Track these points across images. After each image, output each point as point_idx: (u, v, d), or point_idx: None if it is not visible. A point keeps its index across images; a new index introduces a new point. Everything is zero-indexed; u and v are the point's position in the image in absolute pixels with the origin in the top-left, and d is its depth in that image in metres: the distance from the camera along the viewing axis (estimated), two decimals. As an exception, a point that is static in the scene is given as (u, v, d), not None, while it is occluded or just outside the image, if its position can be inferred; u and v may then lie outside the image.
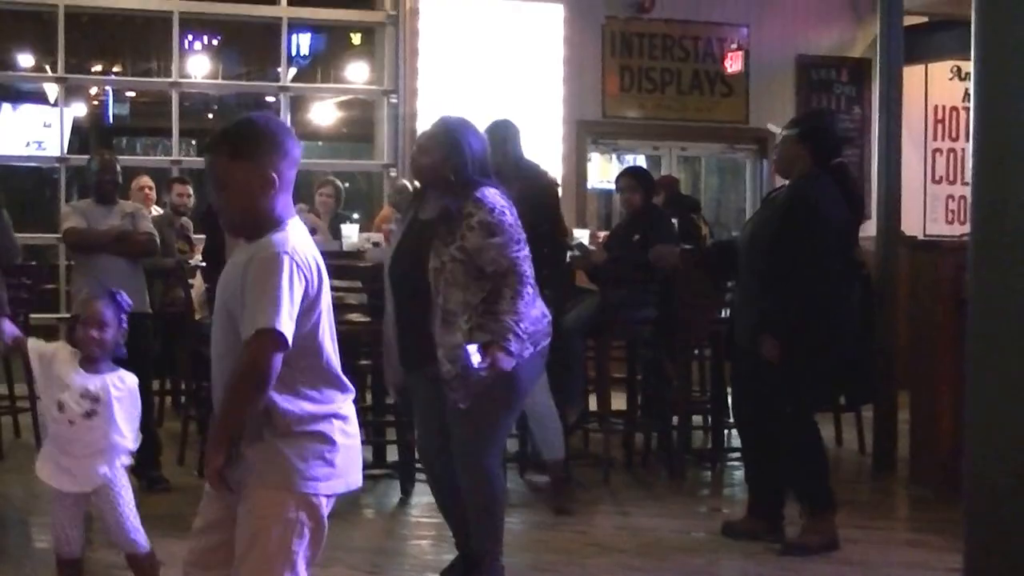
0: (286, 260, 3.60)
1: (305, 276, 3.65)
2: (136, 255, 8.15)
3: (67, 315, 8.47)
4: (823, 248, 6.33)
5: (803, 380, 6.42)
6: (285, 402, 3.66)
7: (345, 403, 3.82)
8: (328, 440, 3.72)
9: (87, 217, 8.13)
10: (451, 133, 5.63)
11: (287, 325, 3.53)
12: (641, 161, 14.85)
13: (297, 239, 3.71)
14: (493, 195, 5.46)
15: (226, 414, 3.65)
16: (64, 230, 8.21)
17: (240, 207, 3.74)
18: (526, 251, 5.44)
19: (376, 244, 9.03)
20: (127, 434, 5.14)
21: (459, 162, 5.51)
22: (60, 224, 8.50)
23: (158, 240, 8.46)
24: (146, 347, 7.72)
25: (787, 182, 6.67)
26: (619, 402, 8.84)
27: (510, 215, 5.45)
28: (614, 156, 15.03)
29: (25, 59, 15.46)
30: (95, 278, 7.55)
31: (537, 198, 7.47)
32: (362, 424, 4.61)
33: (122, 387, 5.16)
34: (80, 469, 5.08)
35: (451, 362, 5.36)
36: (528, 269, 5.43)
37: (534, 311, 5.45)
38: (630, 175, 9.37)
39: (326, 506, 3.76)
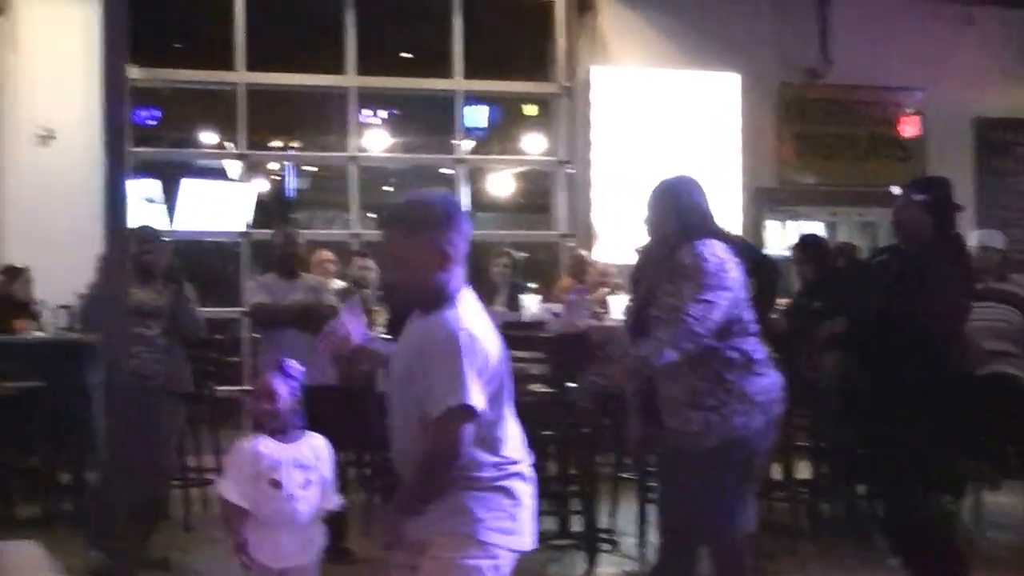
0: (463, 335, 3.72)
1: (483, 347, 3.77)
2: (319, 330, 8.37)
3: (250, 388, 8.72)
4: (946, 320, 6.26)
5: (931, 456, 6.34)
6: (473, 457, 3.78)
7: (525, 466, 3.92)
8: (512, 496, 3.82)
9: (272, 291, 8.40)
10: (669, 189, 5.74)
11: (475, 397, 3.65)
12: (818, 228, 14.77)
13: (471, 312, 3.84)
14: (714, 247, 5.52)
15: (419, 488, 3.76)
16: (250, 305, 8.48)
17: (415, 282, 3.89)
18: (712, 296, 5.41)
19: (556, 315, 9.13)
20: (333, 496, 5.31)
21: (677, 215, 5.61)
22: (244, 298, 8.78)
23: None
24: (331, 419, 7.91)
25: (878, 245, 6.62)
26: (804, 470, 8.80)
27: (734, 270, 5.49)
28: (791, 223, 14.98)
29: (207, 136, 15.99)
30: (279, 352, 7.80)
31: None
32: (546, 494, 4.70)
33: (319, 447, 5.33)
34: (302, 541, 5.21)
35: (672, 415, 5.43)
36: (714, 314, 5.40)
37: (762, 377, 5.49)
38: (799, 247, 9.37)
39: (506, 563, 3.85)
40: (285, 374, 5.32)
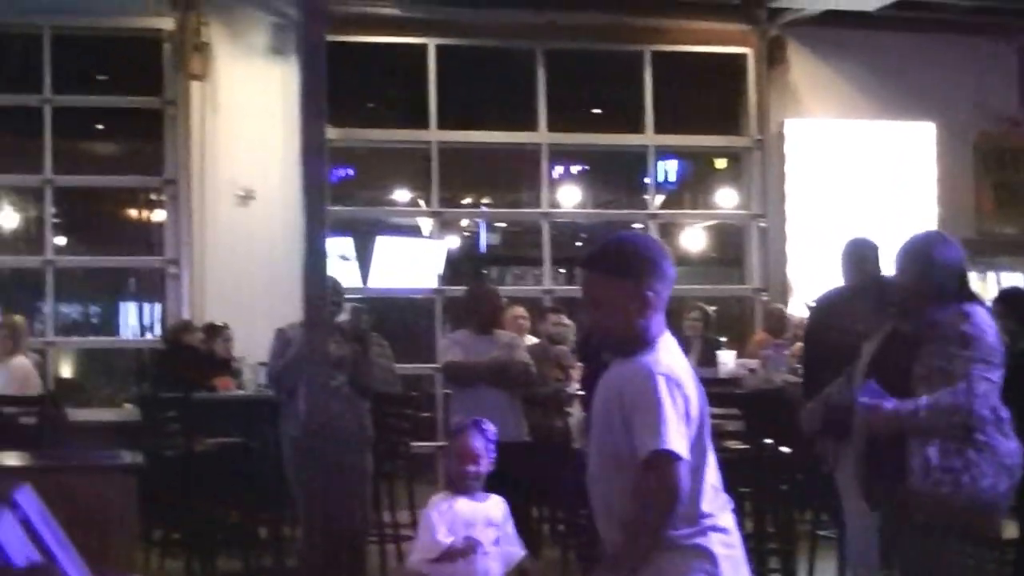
0: (662, 380, 3.67)
1: (684, 392, 3.73)
2: (513, 386, 8.44)
3: (444, 443, 8.82)
4: None
5: None
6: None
7: (724, 515, 3.84)
8: (707, 554, 3.73)
9: (465, 348, 8.50)
10: (923, 248, 5.66)
11: (679, 443, 3.61)
12: (1019, 280, 14.41)
13: (671, 357, 3.79)
14: (980, 312, 5.48)
15: (635, 541, 3.67)
16: (444, 362, 8.60)
17: (615, 325, 3.84)
18: (995, 376, 5.37)
19: (752, 371, 9.06)
20: (518, 548, 5.35)
21: (936, 275, 5.53)
22: (439, 355, 8.89)
23: (533, 370, 8.74)
24: (524, 475, 7.95)
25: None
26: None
27: (991, 336, 5.43)
28: (990, 275, 14.64)
29: (401, 194, 16.30)
30: (472, 408, 7.90)
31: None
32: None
33: (501, 504, 5.38)
34: None
35: (920, 476, 5.34)
36: (993, 396, 5.35)
37: (1008, 439, 5.40)
38: (999, 300, 9.15)
39: None
40: (483, 435, 5.36)
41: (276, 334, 8.44)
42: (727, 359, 9.68)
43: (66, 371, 15.00)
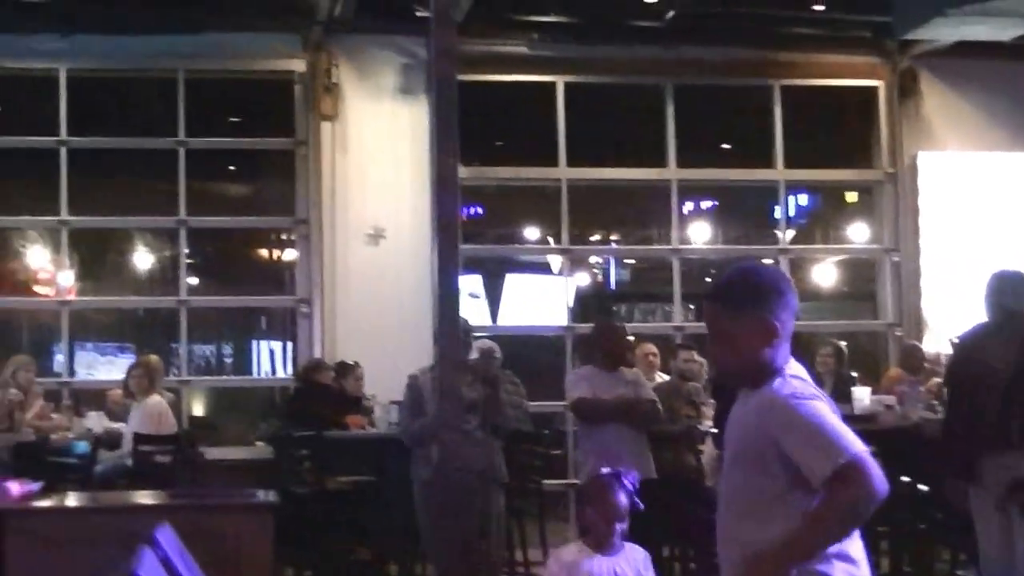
0: (803, 399, 3.61)
1: (828, 404, 3.67)
2: (640, 424, 8.42)
3: (575, 481, 8.81)
4: None
5: None
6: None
7: (852, 544, 3.73)
8: None
9: (592, 384, 8.49)
10: None
11: (856, 442, 3.54)
12: None
13: (802, 383, 3.74)
14: None
15: (800, 542, 3.54)
16: (571, 399, 8.59)
17: (740, 356, 3.77)
18: None
19: (889, 407, 8.94)
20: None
21: None
22: (566, 391, 8.88)
23: (660, 408, 8.70)
24: (653, 513, 7.91)
25: None
26: None
27: None
28: None
29: (530, 232, 16.37)
30: (600, 445, 7.89)
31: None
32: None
33: (639, 561, 5.33)
34: None
35: None
36: None
37: None
38: None
39: None
40: (625, 488, 5.31)
41: (408, 383, 8.46)
42: (862, 395, 9.55)
43: (199, 409, 15.23)
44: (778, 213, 14.28)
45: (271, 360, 17.31)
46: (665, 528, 8.88)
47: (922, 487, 8.20)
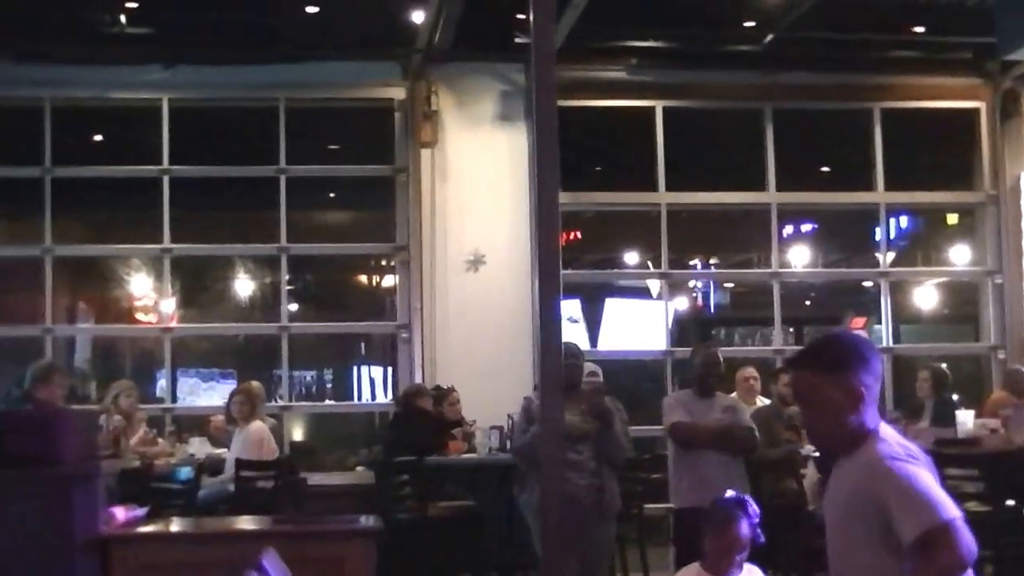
0: (898, 460, 3.65)
1: (924, 464, 3.70)
2: (736, 450, 8.38)
3: (671, 505, 8.77)
4: None
5: None
6: None
7: None
8: None
9: (689, 409, 8.46)
10: None
11: (949, 506, 3.56)
12: None
13: (899, 445, 3.76)
14: None
15: None
16: (669, 424, 8.56)
17: (829, 421, 3.84)
18: None
19: (994, 431, 8.83)
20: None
21: None
22: (663, 416, 8.86)
23: (757, 434, 8.65)
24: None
25: None
26: None
27: None
28: None
29: (629, 256, 16.36)
30: (697, 471, 7.87)
31: None
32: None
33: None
34: None
35: None
36: None
37: None
38: None
39: None
40: (749, 518, 5.29)
41: (523, 404, 8.46)
42: (966, 419, 9.43)
43: (300, 435, 15.36)
44: (878, 236, 14.18)
45: (371, 386, 17.42)
46: (766, 555, 8.81)
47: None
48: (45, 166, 13.31)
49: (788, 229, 15.80)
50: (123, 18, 12.69)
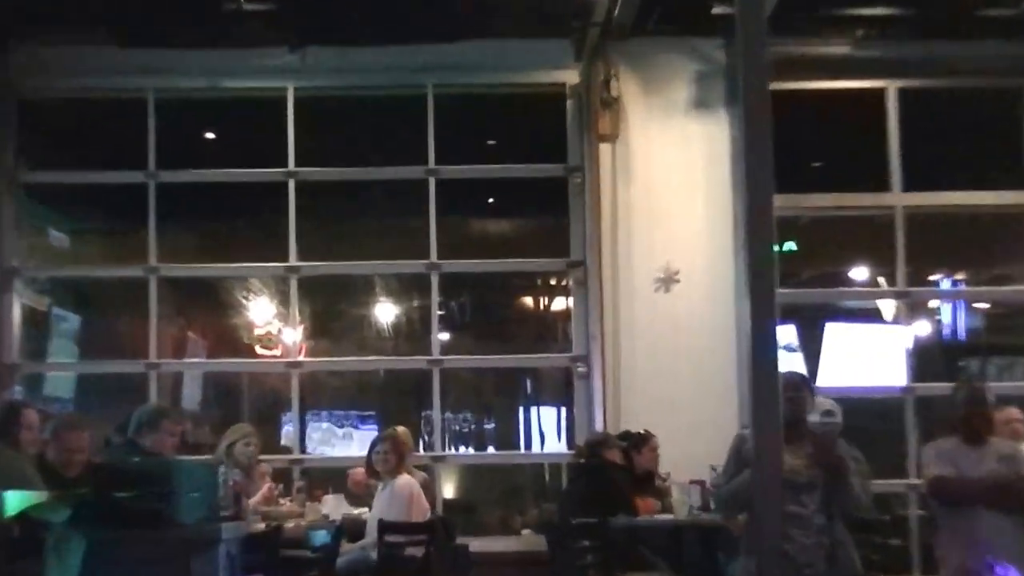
0: None
1: None
2: (1017, 508, 8.30)
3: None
4: None
5: None
6: None
7: None
8: None
9: (954, 461, 8.41)
10: None
11: None
12: None
13: None
14: None
15: None
16: (928, 478, 8.52)
17: None
18: None
19: None
20: None
21: None
22: (923, 469, 8.82)
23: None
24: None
25: None
26: None
27: None
28: None
29: (856, 271, 16.24)
30: (965, 534, 7.82)
31: None
32: None
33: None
34: None
35: None
36: None
37: None
38: None
39: None
40: None
41: (734, 443, 8.48)
42: None
43: (456, 491, 15.46)
44: None
45: (541, 431, 17.53)
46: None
47: None
48: (149, 170, 13.66)
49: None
50: (241, -8, 12.89)
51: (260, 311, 15.89)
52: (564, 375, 14.15)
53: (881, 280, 14.76)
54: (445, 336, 15.08)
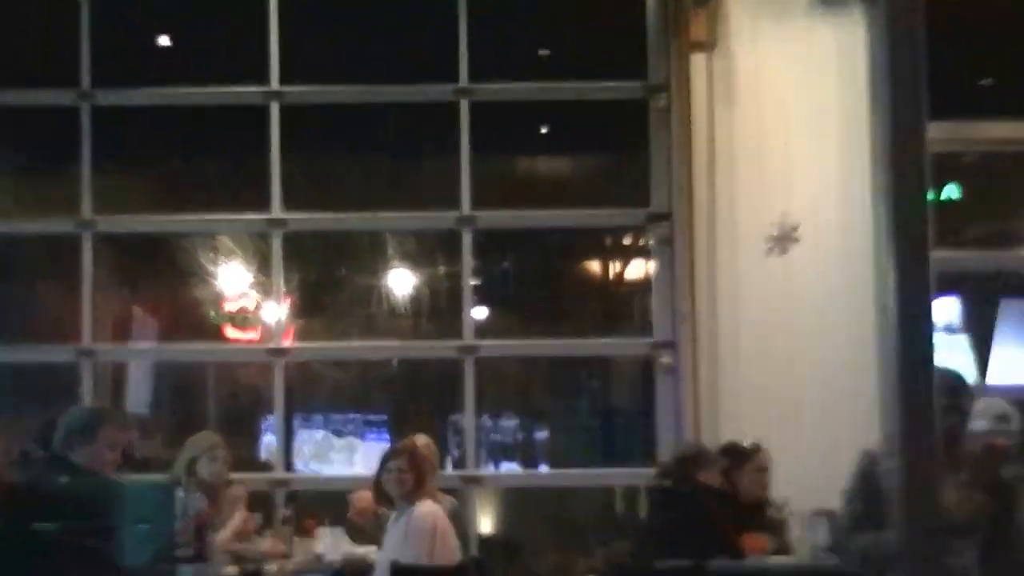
0: None
1: None
2: None
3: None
4: None
5: None
6: None
7: None
8: None
9: None
10: None
11: None
12: None
13: None
14: None
15: None
16: None
17: None
18: None
19: None
20: None
21: None
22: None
23: None
24: None
25: None
26: None
27: None
28: None
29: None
30: None
31: None
32: None
33: None
34: None
35: None
36: None
37: None
38: None
39: None
40: None
41: (860, 464, 8.51)
42: None
43: (495, 523, 15.53)
44: None
45: (611, 443, 17.55)
46: None
47: None
48: (81, 88, 13.74)
49: None
50: None
51: (232, 280, 15.85)
52: (642, 368, 14.15)
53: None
54: (481, 314, 15.08)
